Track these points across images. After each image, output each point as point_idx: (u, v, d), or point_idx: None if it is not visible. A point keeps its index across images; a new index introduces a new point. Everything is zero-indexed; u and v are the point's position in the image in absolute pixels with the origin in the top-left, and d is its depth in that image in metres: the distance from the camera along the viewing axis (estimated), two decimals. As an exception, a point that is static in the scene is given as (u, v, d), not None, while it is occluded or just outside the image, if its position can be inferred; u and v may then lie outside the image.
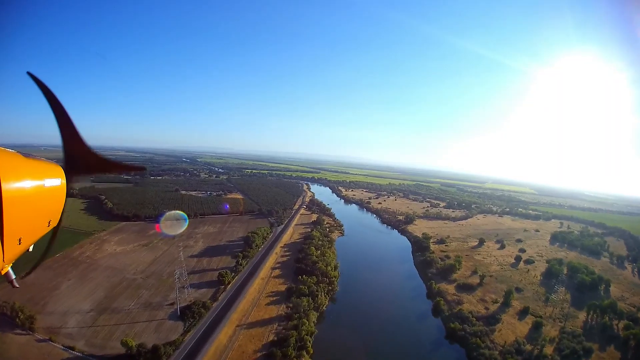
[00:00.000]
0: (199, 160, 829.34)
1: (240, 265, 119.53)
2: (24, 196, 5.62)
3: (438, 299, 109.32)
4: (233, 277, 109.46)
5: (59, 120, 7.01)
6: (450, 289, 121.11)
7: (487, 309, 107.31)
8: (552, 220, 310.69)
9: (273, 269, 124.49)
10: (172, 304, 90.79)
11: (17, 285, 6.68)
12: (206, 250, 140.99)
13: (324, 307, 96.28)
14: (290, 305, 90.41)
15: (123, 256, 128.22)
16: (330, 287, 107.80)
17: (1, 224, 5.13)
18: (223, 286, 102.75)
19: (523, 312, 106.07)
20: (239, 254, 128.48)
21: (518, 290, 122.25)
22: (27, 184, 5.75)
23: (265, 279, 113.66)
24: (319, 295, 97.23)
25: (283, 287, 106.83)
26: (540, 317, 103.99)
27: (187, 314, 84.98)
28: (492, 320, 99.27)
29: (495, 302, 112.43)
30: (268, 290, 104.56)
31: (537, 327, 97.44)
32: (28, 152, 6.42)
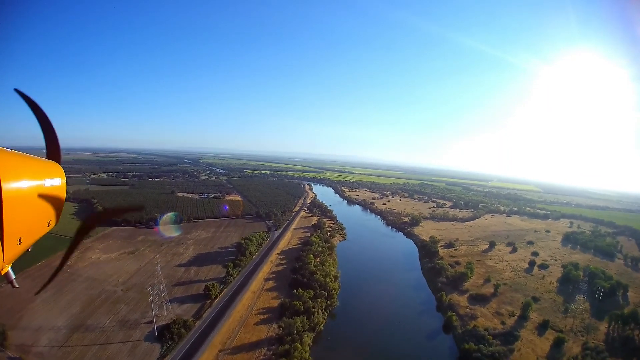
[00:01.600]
0: (201, 161, 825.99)
1: (231, 276, 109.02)
2: (24, 196, 5.51)
3: (450, 313, 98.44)
4: (221, 290, 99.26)
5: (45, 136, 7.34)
6: (462, 300, 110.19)
7: (503, 323, 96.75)
8: (561, 219, 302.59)
9: (266, 280, 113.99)
10: (150, 322, 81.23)
11: (17, 286, 6.37)
12: (196, 258, 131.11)
13: (321, 327, 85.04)
14: (282, 325, 79.78)
15: (106, 265, 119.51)
16: (328, 302, 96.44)
17: (1, 224, 4.99)
18: (209, 301, 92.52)
19: (542, 326, 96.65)
20: (230, 263, 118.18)
21: (535, 299, 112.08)
22: (27, 183, 5.65)
23: (257, 293, 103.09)
24: (316, 313, 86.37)
25: (276, 303, 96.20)
26: (561, 331, 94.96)
27: (165, 334, 75.56)
28: (510, 337, 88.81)
29: (512, 314, 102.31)
30: (259, 307, 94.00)
31: (558, 344, 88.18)
32: (28, 152, 6.41)
